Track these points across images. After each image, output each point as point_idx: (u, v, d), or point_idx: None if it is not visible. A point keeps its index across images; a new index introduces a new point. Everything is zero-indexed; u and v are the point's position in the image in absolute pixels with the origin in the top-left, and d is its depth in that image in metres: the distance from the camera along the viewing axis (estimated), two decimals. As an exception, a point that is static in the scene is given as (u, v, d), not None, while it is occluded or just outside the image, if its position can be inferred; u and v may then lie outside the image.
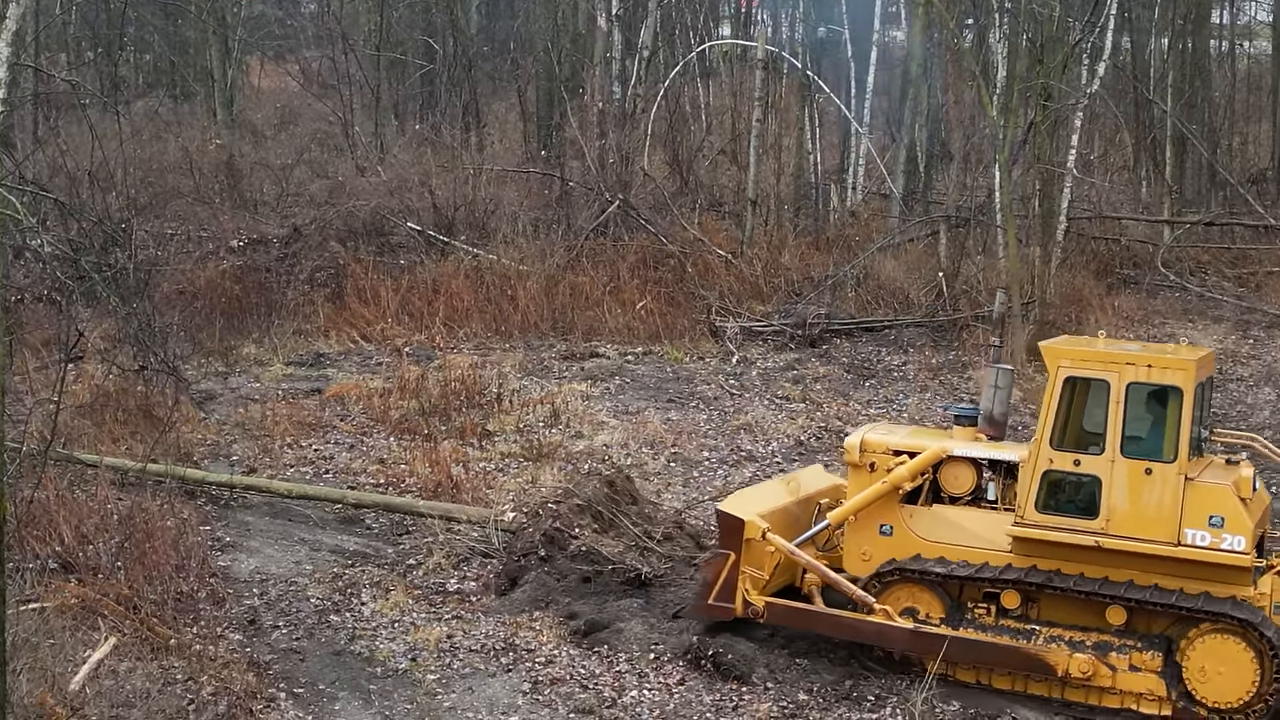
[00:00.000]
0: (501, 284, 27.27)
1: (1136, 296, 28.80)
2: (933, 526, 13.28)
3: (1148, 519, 12.16)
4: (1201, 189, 36.09)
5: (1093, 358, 12.63)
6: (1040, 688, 12.52)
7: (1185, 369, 12.18)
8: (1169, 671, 12.14)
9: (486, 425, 20.61)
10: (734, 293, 27.72)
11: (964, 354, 24.78)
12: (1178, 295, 28.98)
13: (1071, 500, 12.58)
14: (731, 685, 12.89)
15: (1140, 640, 12.28)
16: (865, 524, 13.51)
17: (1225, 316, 27.55)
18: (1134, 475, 12.21)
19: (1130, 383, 12.27)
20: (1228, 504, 12.00)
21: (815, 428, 21.22)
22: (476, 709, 12.49)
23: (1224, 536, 11.94)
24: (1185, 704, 12.10)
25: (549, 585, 14.77)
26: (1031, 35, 27.68)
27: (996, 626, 12.74)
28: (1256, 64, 44.66)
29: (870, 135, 36.11)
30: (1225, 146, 37.43)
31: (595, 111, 32.32)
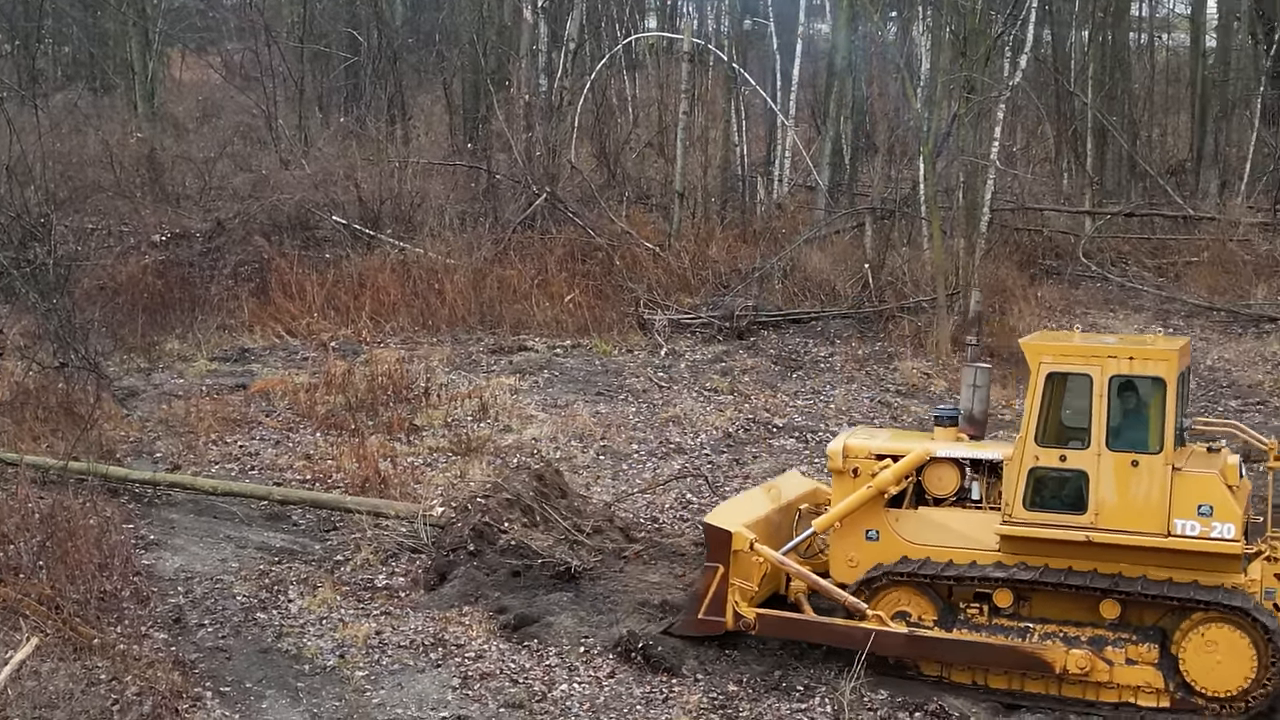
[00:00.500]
0: (428, 278, 27.11)
1: (1059, 287, 29.14)
2: (919, 529, 13.22)
3: (1136, 511, 12.15)
4: (1122, 180, 36.59)
5: (1074, 352, 12.63)
6: (1037, 685, 12.49)
7: (1168, 359, 12.19)
8: (1166, 663, 12.15)
9: (414, 420, 20.51)
10: (662, 285, 27.73)
11: (890, 345, 24.96)
12: (1099, 285, 29.35)
13: (1059, 496, 12.55)
14: (661, 677, 12.93)
15: (1135, 633, 12.28)
16: (851, 530, 13.42)
17: (1146, 306, 27.92)
18: (1121, 468, 12.20)
19: (1113, 375, 12.25)
20: (1216, 492, 12.01)
21: (743, 419, 21.29)
22: (405, 705, 12.43)
23: (1214, 525, 11.94)
24: (1184, 694, 12.11)
25: (478, 580, 14.74)
26: (954, 28, 27.94)
27: (990, 626, 12.70)
28: (1175, 56, 45.35)
29: (796, 128, 36.28)
30: (1145, 138, 37.98)
31: (521, 104, 32.25)
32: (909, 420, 21.59)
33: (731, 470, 19.20)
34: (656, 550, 15.83)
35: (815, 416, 21.69)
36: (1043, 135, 37.86)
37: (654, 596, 14.40)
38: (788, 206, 34.01)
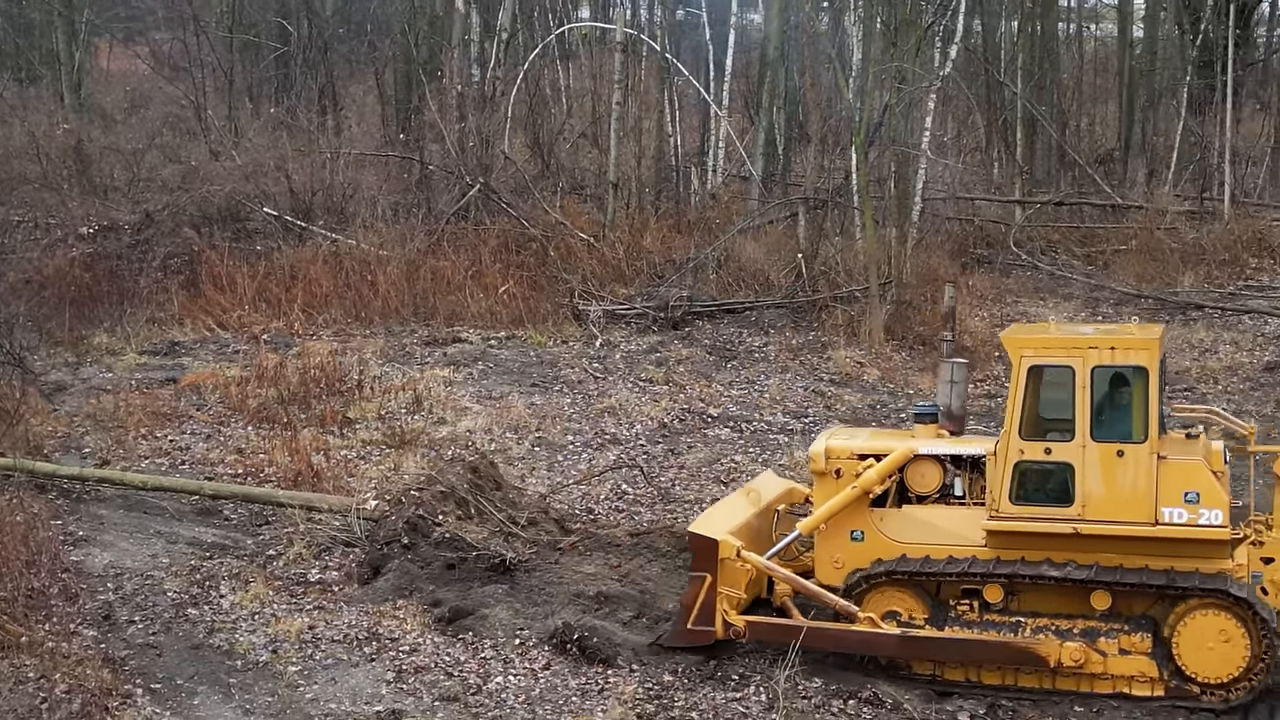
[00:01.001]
0: (361, 269, 26.94)
1: (990, 275, 29.43)
2: (905, 528, 13.11)
3: (1123, 501, 12.11)
4: (1051, 169, 36.97)
5: (1055, 344, 12.57)
6: (1030, 679, 12.45)
7: (1149, 348, 12.17)
8: (1159, 652, 12.11)
9: (347, 413, 20.38)
10: (596, 276, 27.71)
11: (823, 334, 25.08)
12: (1029, 274, 29.65)
13: (1045, 489, 12.50)
14: (597, 668, 12.91)
15: (1127, 623, 12.24)
16: (835, 531, 13.27)
17: (1075, 294, 28.22)
18: (1106, 459, 12.14)
19: (1095, 366, 12.20)
20: (1202, 479, 11.98)
21: (678, 409, 21.32)
22: (339, 700, 12.35)
23: (1201, 512, 11.91)
24: (1178, 682, 12.07)
25: (412, 573, 14.67)
26: (886, 18, 28.09)
27: (981, 622, 12.65)
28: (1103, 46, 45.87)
29: (729, 118, 36.35)
30: (1074, 127, 38.39)
31: (454, 94, 32.08)
32: (843, 409, 21.72)
33: (667, 460, 19.23)
34: (592, 541, 15.80)
35: (750, 406, 21.76)
36: (973, 125, 38.15)
37: (589, 588, 14.38)
38: (722, 197, 34.10)
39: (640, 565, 15.13)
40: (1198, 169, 35.59)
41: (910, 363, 24.06)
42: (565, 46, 42.65)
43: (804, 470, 18.38)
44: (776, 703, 12.09)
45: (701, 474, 18.71)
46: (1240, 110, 38.42)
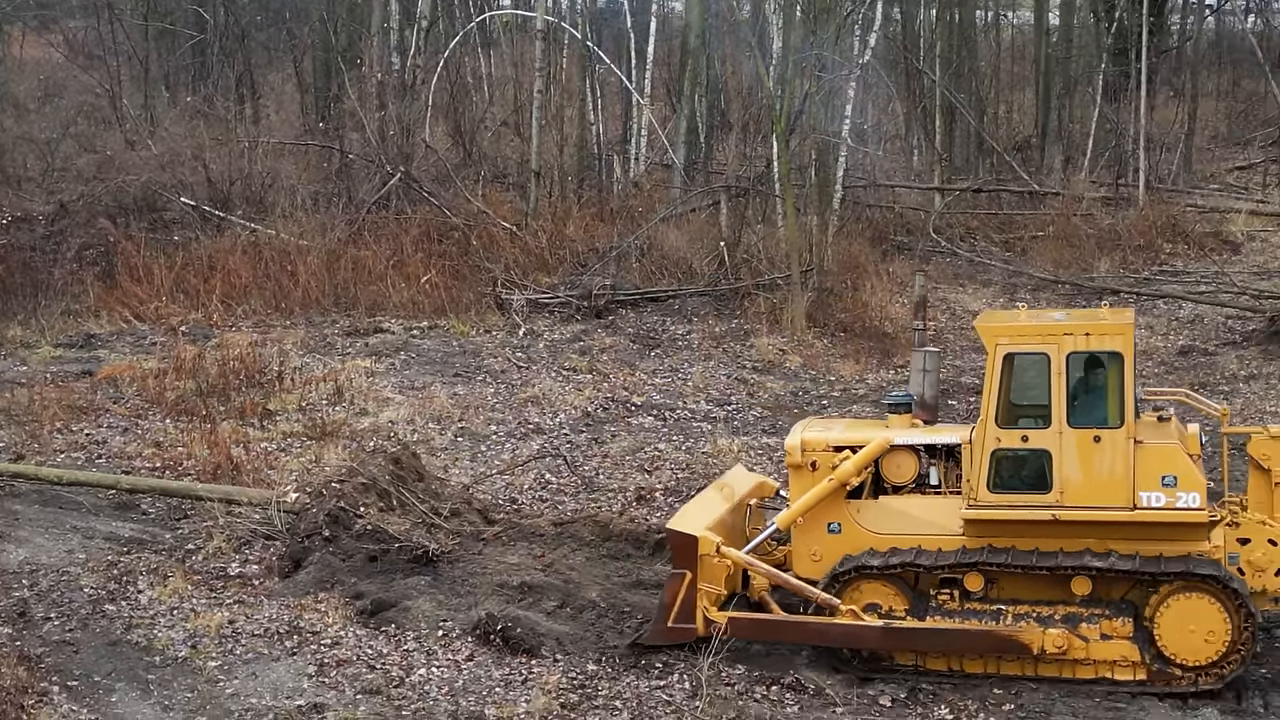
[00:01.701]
0: (281, 259, 26.70)
1: (910, 262, 29.62)
2: (882, 519, 13.04)
3: (1101, 486, 12.08)
4: (970, 157, 37.35)
5: (1030, 332, 12.50)
6: (1013, 667, 12.44)
7: (1124, 333, 12.10)
8: (1140, 636, 12.11)
9: (267, 404, 20.20)
10: (519, 265, 27.64)
11: (746, 322, 25.17)
12: (949, 260, 29.91)
13: (1023, 476, 12.46)
14: (521, 659, 12.89)
15: (1108, 608, 12.24)
16: (812, 524, 13.18)
17: (994, 280, 28.52)
18: (1083, 445, 12.10)
19: (1070, 353, 12.18)
20: (1178, 462, 11.98)
21: (602, 398, 21.33)
22: (260, 694, 12.24)
23: (1179, 495, 11.92)
24: (1160, 666, 12.08)
25: (334, 566, 14.57)
26: (805, 7, 28.21)
27: (963, 611, 12.63)
28: (1020, 34, 46.38)
29: (651, 106, 36.36)
30: (991, 115, 38.78)
31: (374, 83, 31.87)
32: (765, 397, 21.83)
33: (591, 450, 19.22)
34: (515, 531, 15.79)
35: (673, 394, 21.80)
36: (893, 113, 38.40)
37: (513, 578, 14.35)
38: (644, 185, 34.11)
39: (564, 555, 15.13)
40: (1113, 156, 36.09)
41: (832, 349, 24.21)
42: (486, 34, 42.45)
43: (726, 459, 18.55)
44: (700, 690, 12.12)
45: (625, 462, 18.72)
46: (1154, 98, 38.96)
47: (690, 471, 18.26)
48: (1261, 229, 32.61)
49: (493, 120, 37.53)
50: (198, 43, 40.72)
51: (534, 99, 31.15)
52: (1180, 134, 38.22)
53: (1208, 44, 49.65)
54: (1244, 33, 47.14)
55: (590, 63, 34.40)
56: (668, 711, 11.91)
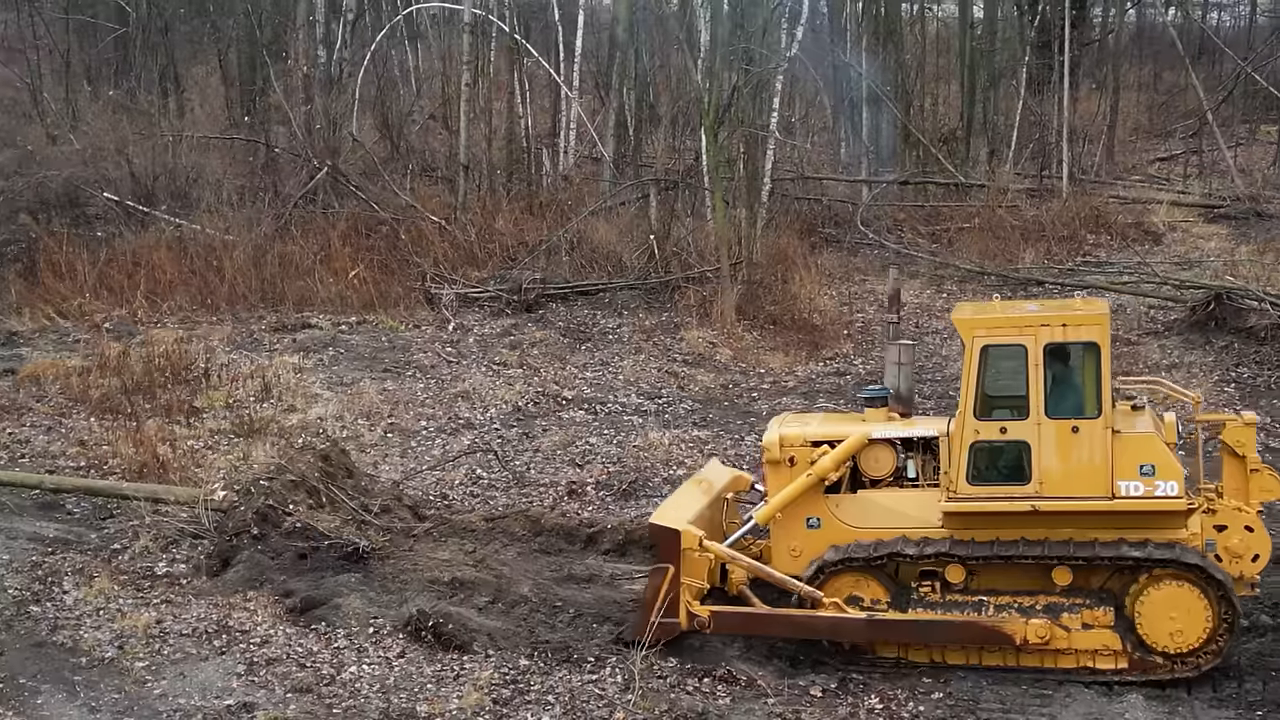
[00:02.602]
0: (206, 255, 26.43)
1: (838, 254, 29.84)
2: (861, 513, 13.08)
3: (1080, 477, 12.12)
4: (896, 149, 37.56)
5: (1007, 324, 12.54)
6: (995, 658, 12.51)
7: (1100, 323, 12.19)
8: (1121, 624, 12.17)
9: (194, 402, 20.01)
10: (449, 259, 27.53)
11: (676, 315, 25.23)
12: (876, 252, 30.13)
13: (1001, 468, 12.45)
14: (453, 655, 12.87)
15: (1089, 597, 12.30)
16: (791, 519, 13.22)
17: (921, 272, 28.74)
18: (1062, 435, 12.15)
19: (1048, 344, 12.24)
20: (1156, 451, 12.02)
21: (533, 393, 21.31)
22: (189, 694, 12.15)
23: (1157, 484, 11.95)
24: (1141, 654, 12.14)
25: (263, 564, 14.47)
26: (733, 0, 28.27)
27: (944, 603, 12.67)
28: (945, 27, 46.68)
29: (580, 99, 36.32)
30: (918, 107, 39.02)
31: (300, 76, 31.62)
32: (696, 390, 21.89)
33: (521, 444, 19.20)
34: (446, 527, 15.75)
35: (604, 388, 21.82)
36: (820, 106, 38.64)
37: (444, 574, 14.33)
38: (574, 178, 34.11)
39: (496, 550, 15.12)
40: (1037, 148, 36.49)
41: (761, 342, 24.32)
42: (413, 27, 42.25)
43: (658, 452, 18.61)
44: (633, 683, 12.16)
45: (557, 457, 18.73)
46: (1077, 90, 39.45)
47: (621, 465, 18.30)
48: (1182, 220, 33.10)
49: (420, 114, 37.36)
50: (120, 36, 40.19)
51: (462, 92, 31.04)
52: (1103, 126, 38.73)
53: (1129, 37, 50.28)
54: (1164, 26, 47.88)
55: (518, 56, 34.30)
56: (600, 705, 11.94)
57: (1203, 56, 47.53)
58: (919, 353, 24.07)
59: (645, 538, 15.40)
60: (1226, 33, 52.17)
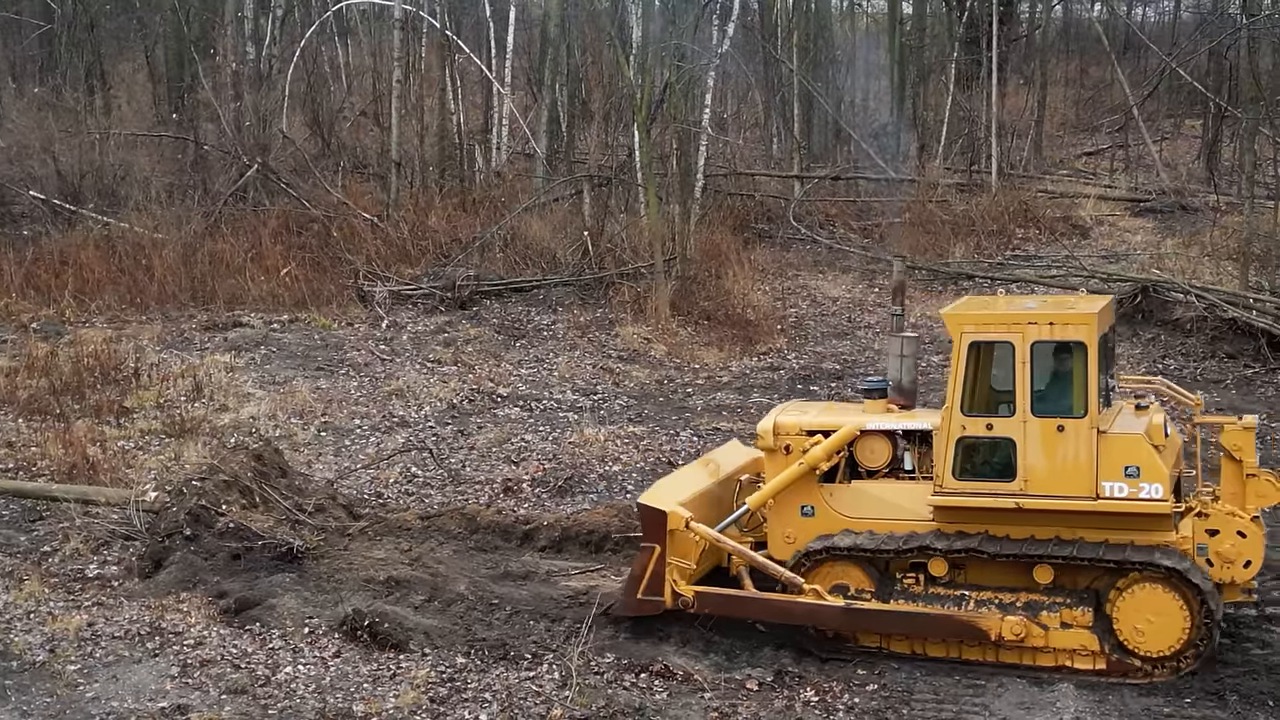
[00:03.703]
0: (135, 253, 26.16)
1: (771, 249, 30.00)
2: (854, 503, 13.09)
3: (1064, 476, 12.07)
4: (828, 144, 37.82)
5: (995, 320, 12.51)
6: (974, 652, 12.51)
7: (1087, 323, 12.08)
8: (1100, 625, 12.12)
9: (124, 402, 19.81)
10: (381, 256, 27.41)
11: (611, 311, 25.26)
12: (809, 247, 30.31)
13: (988, 464, 12.40)
14: (389, 654, 12.83)
15: (1069, 597, 12.25)
16: (786, 506, 13.24)
17: (853, 267, 28.96)
18: (1047, 434, 12.10)
19: (1034, 342, 12.14)
20: (1141, 453, 11.92)
21: (468, 390, 21.27)
22: (122, 697, 12.03)
23: (1141, 486, 11.87)
24: (1119, 656, 12.09)
25: (196, 565, 14.36)
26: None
27: (926, 595, 12.68)
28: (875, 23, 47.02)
29: (512, 95, 36.26)
30: (848, 103, 39.29)
31: (229, 72, 31.33)
32: (631, 385, 21.94)
33: (457, 442, 19.17)
34: (382, 526, 15.69)
35: (539, 384, 21.82)
36: (752, 102, 38.80)
37: (379, 573, 14.28)
38: (506, 175, 34.05)
39: (431, 548, 15.09)
40: (966, 143, 36.84)
41: (696, 337, 24.41)
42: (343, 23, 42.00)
43: (593, 448, 18.64)
44: (570, 679, 12.17)
45: (492, 454, 18.70)
46: (1005, 85, 39.88)
47: (557, 461, 18.31)
48: (1109, 213, 33.56)
49: (351, 110, 37.15)
50: (45, 32, 39.64)
51: (393, 89, 30.88)
52: (1030, 121, 39.16)
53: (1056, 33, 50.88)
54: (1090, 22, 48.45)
55: (450, 52, 34.18)
56: (538, 702, 11.94)
57: (1128, 52, 48.18)
58: (853, 346, 24.31)
59: (581, 534, 15.50)
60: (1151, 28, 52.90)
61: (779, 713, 11.82)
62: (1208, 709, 11.53)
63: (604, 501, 16.91)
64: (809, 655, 12.85)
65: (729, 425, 19.76)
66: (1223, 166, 36.43)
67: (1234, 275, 26.02)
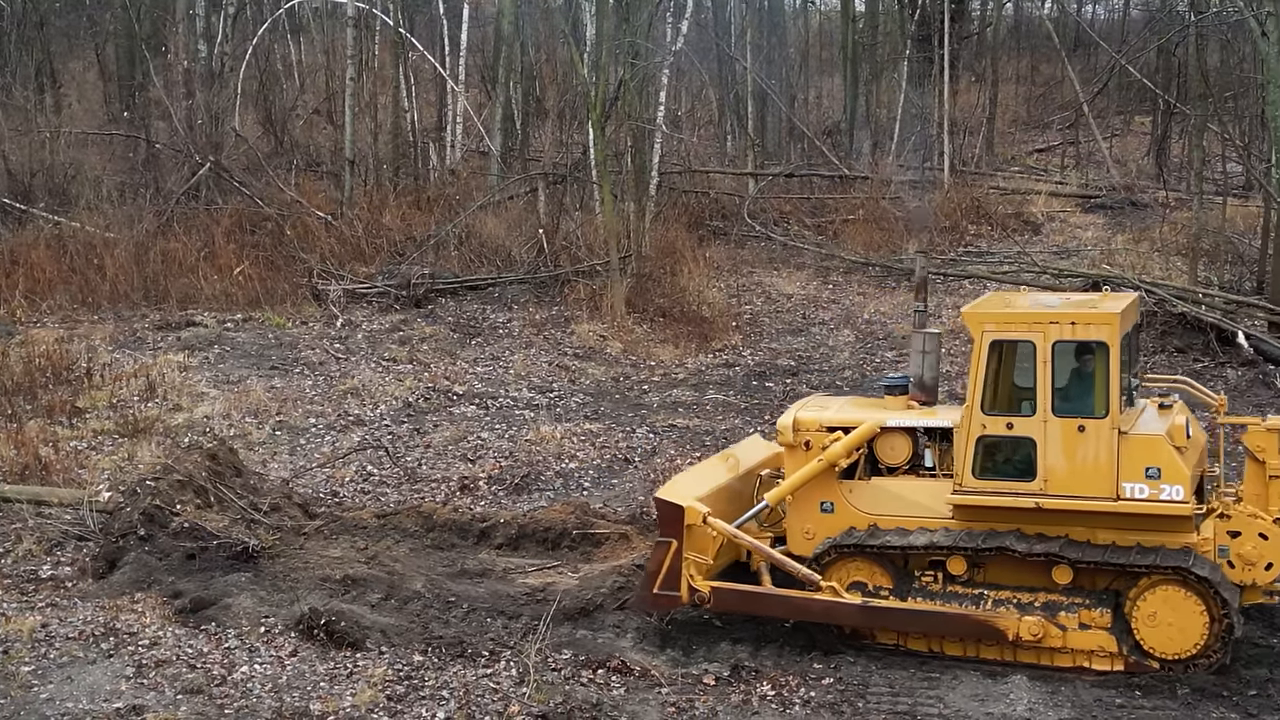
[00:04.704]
0: (87, 253, 25.97)
1: (726, 247, 30.07)
2: (874, 499, 13.04)
3: (1085, 476, 12.00)
4: (782, 142, 37.95)
5: (1016, 319, 12.47)
6: (992, 651, 12.37)
7: (1109, 323, 11.98)
8: (1119, 626, 12.05)
9: (76, 402, 19.67)
10: (335, 255, 27.31)
11: (566, 309, 25.27)
12: (763, 244, 30.41)
13: (1008, 463, 12.36)
14: (345, 653, 12.80)
15: (1088, 597, 12.18)
16: (806, 502, 13.19)
17: (807, 264, 29.07)
18: (1067, 434, 12.05)
19: (1055, 341, 12.07)
20: (1162, 454, 11.84)
21: (423, 388, 21.24)
22: (76, 698, 11.96)
23: (1162, 487, 11.79)
24: (1137, 658, 12.01)
25: (150, 565, 14.30)
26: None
27: (944, 593, 12.63)
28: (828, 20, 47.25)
29: (466, 93, 36.21)
30: (802, 100, 39.43)
31: (180, 70, 31.15)
32: (587, 383, 21.97)
33: (412, 440, 19.14)
34: (338, 525, 15.67)
35: (495, 382, 21.81)
36: (706, 99, 38.88)
37: (336, 571, 14.26)
38: (461, 173, 33.98)
39: (388, 546, 15.08)
40: (919, 140, 37.03)
41: (652, 334, 24.46)
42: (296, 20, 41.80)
43: (549, 446, 18.66)
44: (527, 676, 12.19)
45: (448, 452, 18.69)
46: (957, 83, 40.13)
47: (513, 459, 18.31)
48: (1060, 210, 33.84)
49: (304, 108, 37.01)
50: (-7, 30, 39.32)
51: (347, 86, 30.79)
52: (982, 118, 39.42)
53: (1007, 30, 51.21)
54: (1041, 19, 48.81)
55: (403, 50, 34.09)
56: (495, 699, 11.95)
57: (1078, 49, 48.55)
58: (808, 343, 24.43)
59: (538, 531, 15.52)
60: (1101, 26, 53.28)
61: (735, 707, 11.88)
62: (1158, 700, 11.67)
63: (560, 499, 16.95)
64: (765, 650, 12.92)
65: (685, 422, 19.83)
66: (1172, 163, 36.82)
67: (1183, 270, 26.32)
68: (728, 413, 20.39)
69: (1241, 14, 24.77)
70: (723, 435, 19.10)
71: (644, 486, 17.34)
